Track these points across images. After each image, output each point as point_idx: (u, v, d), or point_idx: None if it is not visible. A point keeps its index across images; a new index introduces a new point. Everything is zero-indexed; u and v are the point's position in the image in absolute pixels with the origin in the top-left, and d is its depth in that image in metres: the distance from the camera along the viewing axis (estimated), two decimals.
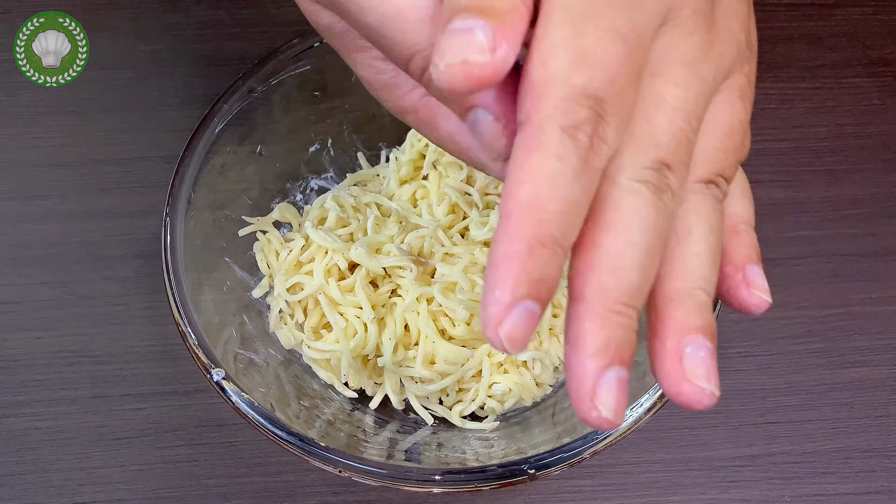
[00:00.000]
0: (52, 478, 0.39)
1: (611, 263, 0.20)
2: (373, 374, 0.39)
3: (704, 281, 0.21)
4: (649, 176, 0.21)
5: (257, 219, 0.40)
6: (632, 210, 0.20)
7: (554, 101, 0.20)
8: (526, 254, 0.19)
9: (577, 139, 0.20)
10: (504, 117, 0.21)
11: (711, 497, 0.39)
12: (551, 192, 0.19)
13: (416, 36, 0.22)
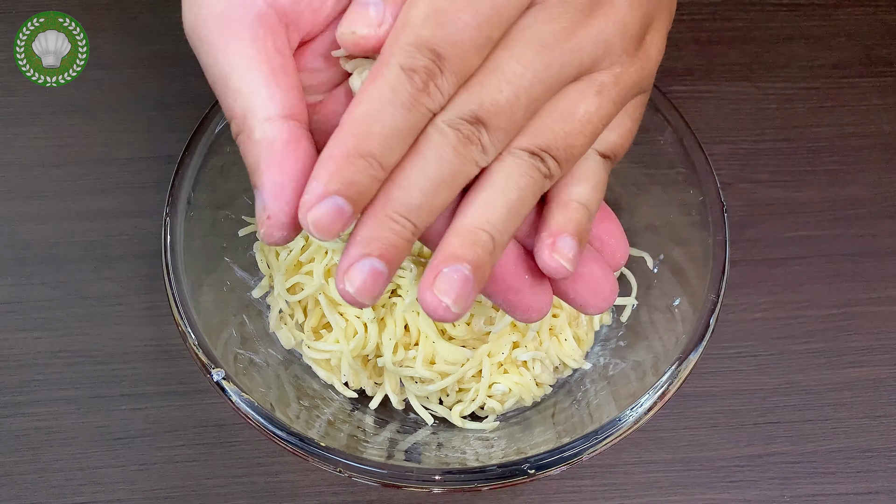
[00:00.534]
0: (51, 477, 0.39)
1: (400, 181, 0.23)
2: (373, 374, 0.39)
3: (490, 225, 0.24)
4: (461, 125, 0.23)
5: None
6: (433, 145, 0.23)
7: (401, 44, 0.23)
8: (344, 158, 0.23)
9: (412, 79, 0.23)
10: (266, 208, 0.23)
11: (711, 497, 0.39)
12: (378, 114, 0.23)
13: (232, 102, 0.24)
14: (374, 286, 0.23)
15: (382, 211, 0.23)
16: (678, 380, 0.32)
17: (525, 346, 0.38)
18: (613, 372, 0.37)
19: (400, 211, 0.23)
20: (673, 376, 0.32)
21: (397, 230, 0.23)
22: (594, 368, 0.39)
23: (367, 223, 0.23)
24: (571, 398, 0.38)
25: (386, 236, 0.23)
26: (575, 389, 0.38)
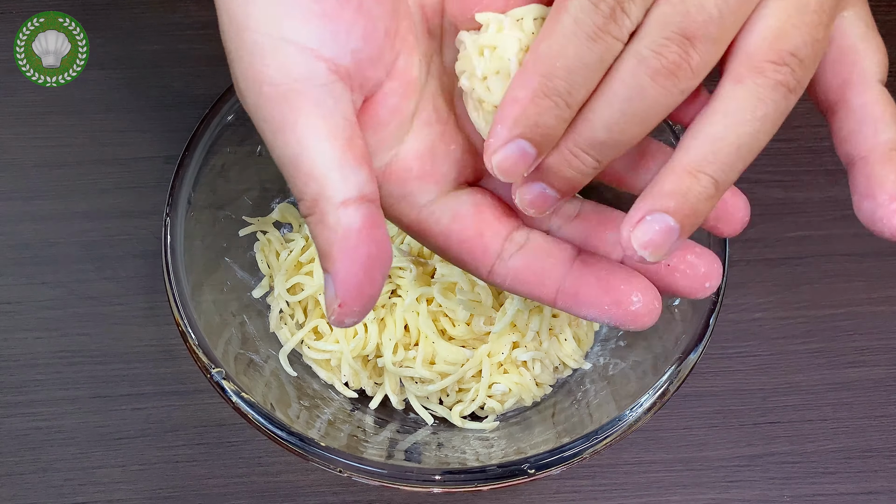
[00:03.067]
0: (52, 477, 0.39)
1: (586, 114, 0.22)
2: (373, 375, 0.39)
3: (714, 167, 0.22)
4: (666, 47, 0.21)
5: (258, 219, 0.40)
6: (628, 75, 0.22)
7: None
8: (529, 99, 0.22)
9: (598, 7, 0.21)
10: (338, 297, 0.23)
11: (711, 497, 0.39)
12: (563, 48, 0.22)
13: (304, 186, 0.23)
14: (544, 208, 0.24)
15: (565, 144, 0.23)
16: (678, 380, 0.32)
17: (525, 346, 0.38)
18: (613, 372, 0.37)
19: (581, 145, 0.23)
20: (673, 376, 0.32)
21: (577, 165, 0.23)
22: (594, 368, 0.39)
23: (549, 155, 0.23)
24: (571, 398, 0.38)
25: (564, 172, 0.23)
26: (575, 389, 0.38)
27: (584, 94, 0.22)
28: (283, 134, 0.23)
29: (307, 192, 0.23)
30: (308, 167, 0.23)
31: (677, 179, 0.22)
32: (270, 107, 0.23)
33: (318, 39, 0.23)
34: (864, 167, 0.24)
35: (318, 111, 0.23)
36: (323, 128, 0.23)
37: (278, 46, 0.23)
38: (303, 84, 0.23)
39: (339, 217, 0.22)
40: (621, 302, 0.26)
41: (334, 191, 0.22)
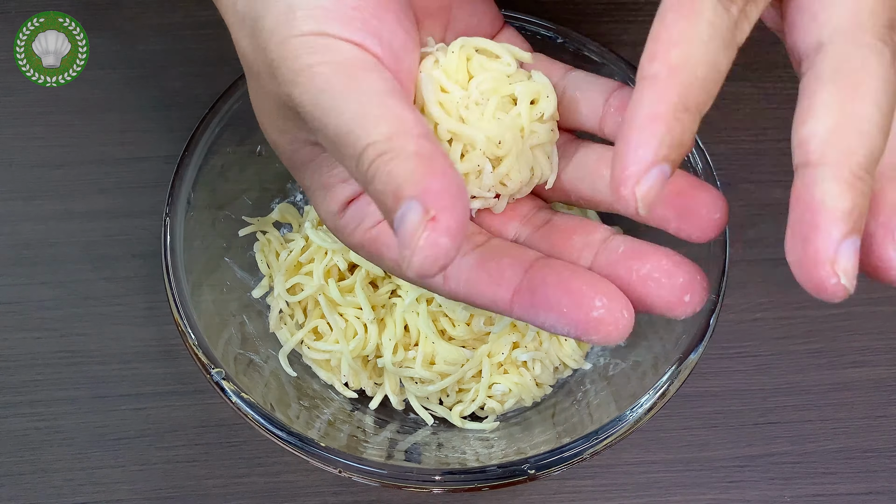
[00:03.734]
0: (51, 478, 0.39)
1: (858, 126, 0.20)
2: (373, 375, 0.39)
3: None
4: (888, 37, 0.20)
5: (257, 219, 0.40)
6: (876, 72, 0.20)
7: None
8: (672, 116, 0.19)
9: (729, 10, 0.20)
10: (432, 210, 0.20)
11: (712, 497, 0.39)
12: (703, 56, 0.20)
13: (373, 129, 0.22)
14: (857, 263, 0.20)
15: (849, 170, 0.20)
16: (678, 380, 0.32)
17: (525, 346, 0.38)
18: (613, 372, 0.37)
19: (865, 165, 0.20)
20: (673, 376, 0.32)
21: (867, 192, 0.20)
22: (594, 368, 0.39)
23: (836, 191, 0.20)
24: (571, 398, 0.38)
25: (861, 204, 0.20)
26: (575, 390, 0.38)
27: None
28: (346, 92, 0.23)
29: (381, 131, 0.22)
30: (379, 110, 0.22)
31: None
32: (326, 78, 0.23)
33: (359, 36, 0.24)
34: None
35: (377, 74, 0.24)
36: (387, 84, 0.23)
37: (329, 43, 0.24)
38: (356, 56, 0.24)
39: (422, 144, 0.21)
40: (582, 306, 0.23)
41: (412, 125, 0.22)
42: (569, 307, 0.23)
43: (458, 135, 0.27)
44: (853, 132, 0.20)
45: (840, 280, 0.20)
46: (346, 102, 0.23)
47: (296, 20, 0.24)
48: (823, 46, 0.21)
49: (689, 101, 0.20)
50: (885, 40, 0.20)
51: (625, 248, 0.25)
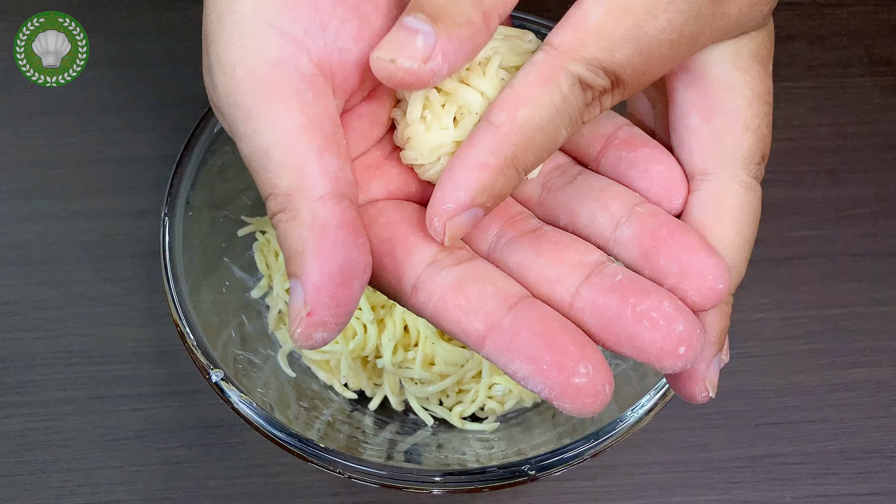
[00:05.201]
0: (50, 478, 0.39)
1: (732, 258, 0.23)
2: (372, 376, 0.39)
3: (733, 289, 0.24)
4: (758, 172, 0.23)
5: (256, 219, 0.40)
6: (750, 208, 0.23)
7: (587, 54, 0.21)
8: (499, 170, 0.21)
9: (584, 92, 0.21)
10: (308, 304, 0.20)
11: (713, 498, 0.39)
12: (546, 125, 0.21)
13: (275, 178, 0.20)
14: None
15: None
16: None
17: None
18: (614, 372, 0.37)
19: (731, 291, 0.23)
20: None
21: (729, 312, 0.24)
22: None
23: (710, 320, 0.23)
24: None
25: (726, 325, 0.23)
26: None
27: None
28: (255, 121, 0.21)
29: (280, 184, 0.20)
30: (282, 156, 0.20)
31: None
32: (242, 91, 0.21)
33: (302, 29, 0.21)
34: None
35: (296, 100, 0.21)
36: (301, 118, 0.20)
37: (260, 29, 0.21)
38: (281, 70, 0.21)
39: (317, 211, 0.20)
40: (565, 367, 0.20)
41: (312, 182, 0.20)
42: (549, 365, 0.20)
43: (451, 96, 0.23)
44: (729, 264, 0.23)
45: (709, 393, 0.22)
46: (256, 134, 0.21)
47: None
48: (708, 175, 0.24)
49: (519, 161, 0.21)
50: (756, 176, 0.24)
51: (623, 278, 0.22)
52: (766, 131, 0.24)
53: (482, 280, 0.22)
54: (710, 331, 0.23)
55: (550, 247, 0.23)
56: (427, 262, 0.23)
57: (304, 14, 0.21)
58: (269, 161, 0.21)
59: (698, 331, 0.21)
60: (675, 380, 0.23)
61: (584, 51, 0.21)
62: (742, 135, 0.23)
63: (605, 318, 0.21)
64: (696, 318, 0.21)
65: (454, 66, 0.21)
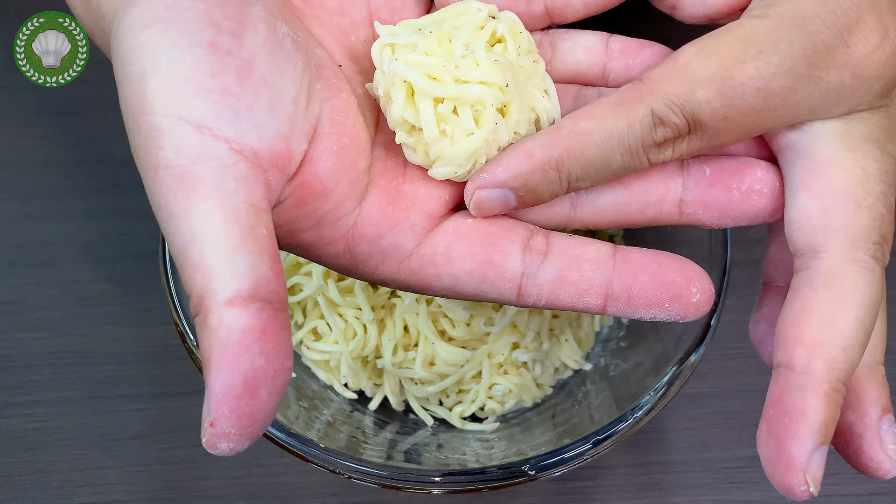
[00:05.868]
0: (50, 479, 0.39)
1: (843, 342, 0.21)
2: (372, 376, 0.39)
3: (881, 356, 0.23)
4: (878, 253, 0.22)
5: None
6: (865, 289, 0.22)
7: (667, 91, 0.22)
8: (541, 164, 0.22)
9: (654, 129, 0.22)
10: (210, 416, 0.19)
11: (713, 498, 0.39)
12: (602, 144, 0.22)
13: (190, 279, 0.20)
14: (823, 468, 0.21)
15: (829, 384, 0.22)
16: (679, 381, 0.32)
17: (525, 346, 0.37)
18: (614, 373, 0.37)
19: (844, 379, 0.22)
20: (674, 377, 0.32)
21: (840, 402, 0.22)
22: (595, 369, 0.39)
23: (814, 405, 0.22)
24: (572, 399, 0.38)
25: (835, 415, 0.22)
26: (576, 390, 0.38)
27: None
28: (176, 221, 0.20)
29: (193, 286, 0.20)
30: (195, 258, 0.20)
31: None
32: (164, 192, 0.20)
33: (216, 117, 0.21)
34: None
35: (214, 194, 0.20)
36: (218, 213, 0.20)
37: (175, 126, 0.20)
38: (200, 165, 0.20)
39: (223, 317, 0.19)
40: (681, 296, 0.24)
41: (220, 285, 0.19)
42: (669, 302, 0.24)
43: (461, 100, 0.24)
44: (838, 347, 0.21)
45: (809, 488, 0.21)
46: (176, 234, 0.20)
47: (148, 94, 0.21)
48: (818, 253, 0.23)
49: (563, 166, 0.22)
50: (876, 257, 0.22)
51: (711, 169, 0.25)
52: (882, 210, 0.23)
53: (575, 262, 0.24)
54: (812, 417, 0.21)
55: (631, 178, 0.25)
56: (519, 270, 0.24)
57: (216, 101, 0.21)
58: (186, 262, 0.20)
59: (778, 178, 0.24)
60: (771, 467, 0.22)
61: (666, 86, 0.22)
62: (854, 212, 0.23)
63: (718, 209, 0.25)
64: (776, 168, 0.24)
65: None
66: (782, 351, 0.22)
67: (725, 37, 0.22)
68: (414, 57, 0.24)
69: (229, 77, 0.21)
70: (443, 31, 0.25)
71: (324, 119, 0.23)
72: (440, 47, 0.24)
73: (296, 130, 0.22)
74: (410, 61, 0.24)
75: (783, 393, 0.22)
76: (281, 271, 0.21)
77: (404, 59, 0.24)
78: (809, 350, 0.22)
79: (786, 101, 0.22)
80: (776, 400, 0.22)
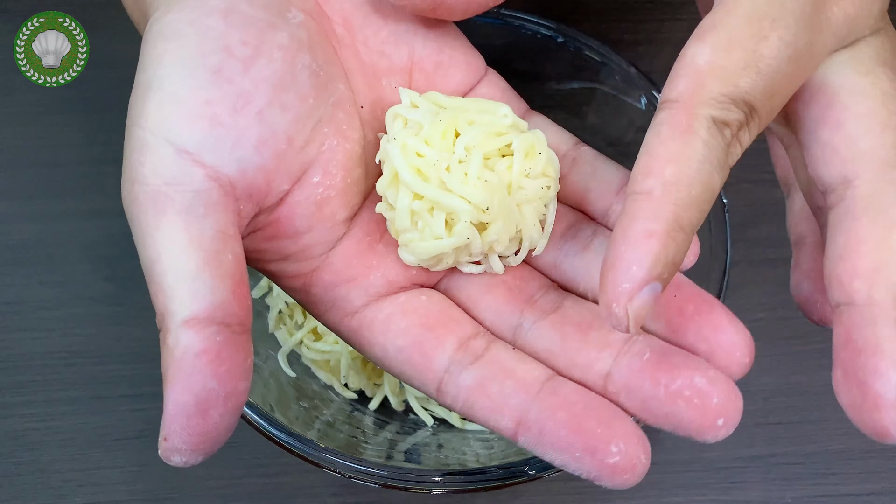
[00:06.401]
0: (50, 479, 0.39)
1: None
2: (372, 376, 0.39)
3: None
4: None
5: None
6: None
7: (714, 94, 0.20)
8: (666, 234, 0.19)
9: (723, 133, 0.20)
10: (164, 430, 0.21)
11: (713, 498, 0.39)
12: (697, 176, 0.20)
13: (154, 298, 0.21)
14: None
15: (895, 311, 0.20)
16: None
17: None
18: None
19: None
20: None
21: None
22: None
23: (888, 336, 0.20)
24: None
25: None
26: None
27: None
28: (144, 237, 0.21)
29: (157, 303, 0.21)
30: (159, 276, 0.20)
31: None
32: (138, 208, 0.21)
33: (198, 144, 0.21)
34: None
35: (182, 218, 0.21)
36: (184, 237, 0.21)
37: (158, 145, 0.21)
38: (173, 188, 0.21)
39: (179, 337, 0.20)
40: (597, 451, 0.21)
41: (179, 306, 0.20)
42: (581, 452, 0.21)
43: (438, 205, 0.24)
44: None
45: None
46: (144, 250, 0.21)
47: (145, 107, 0.21)
48: (851, 182, 0.21)
49: (684, 220, 0.20)
50: None
51: (651, 355, 0.22)
52: None
53: (501, 375, 0.23)
54: (890, 348, 0.20)
55: (573, 329, 0.23)
56: (445, 364, 0.23)
57: (202, 129, 0.21)
58: (150, 279, 0.21)
59: (734, 396, 0.22)
60: (857, 412, 0.22)
61: (707, 92, 0.20)
62: (880, 133, 0.21)
63: (639, 400, 0.22)
64: (730, 383, 0.22)
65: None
66: (838, 289, 0.21)
67: (732, 21, 0.20)
68: (412, 142, 0.24)
69: (223, 106, 0.22)
70: (458, 122, 0.25)
71: (316, 166, 0.24)
72: (442, 140, 0.24)
73: (282, 170, 0.23)
74: (407, 146, 0.24)
75: (851, 331, 0.21)
76: (245, 295, 0.21)
77: (401, 143, 0.24)
78: (868, 280, 0.20)
79: (812, 54, 0.21)
80: (845, 341, 0.21)
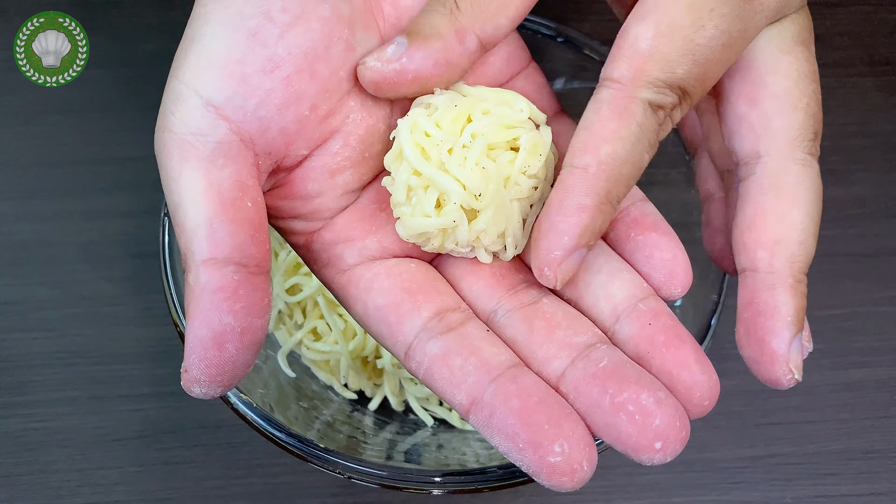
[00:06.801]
0: (49, 479, 0.39)
1: (798, 237, 0.23)
2: (372, 376, 0.39)
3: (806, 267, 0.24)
4: (813, 149, 0.24)
5: None
6: (808, 184, 0.23)
7: (652, 78, 0.22)
8: (596, 208, 0.22)
9: (656, 113, 0.22)
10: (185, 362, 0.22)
11: (713, 498, 0.39)
12: (630, 155, 0.22)
13: (178, 237, 0.22)
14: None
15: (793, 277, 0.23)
16: None
17: None
18: None
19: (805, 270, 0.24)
20: None
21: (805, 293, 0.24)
22: None
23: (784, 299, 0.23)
24: None
25: (804, 305, 0.23)
26: None
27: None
28: (169, 181, 0.22)
29: (181, 244, 0.22)
30: (181, 219, 0.22)
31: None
32: (166, 153, 0.23)
33: (225, 99, 0.23)
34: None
35: (203, 166, 0.22)
36: (203, 183, 0.22)
37: (189, 97, 0.23)
38: (197, 138, 0.22)
39: (199, 275, 0.21)
40: (540, 446, 0.21)
41: (198, 247, 0.21)
42: (525, 444, 0.21)
43: (432, 183, 0.24)
44: (795, 243, 0.23)
45: (794, 375, 0.22)
46: (170, 194, 0.23)
47: (184, 60, 0.23)
48: (761, 157, 0.24)
49: (613, 195, 0.22)
50: (812, 152, 0.24)
51: (607, 364, 0.22)
52: (815, 108, 0.24)
53: (467, 350, 0.23)
54: (784, 311, 0.23)
55: (542, 324, 0.24)
56: (417, 329, 0.24)
57: (230, 86, 0.23)
58: (175, 222, 0.22)
59: (678, 424, 0.21)
60: (756, 365, 0.23)
61: (646, 77, 0.22)
62: (791, 114, 0.24)
63: (585, 405, 0.22)
64: (678, 409, 0.21)
65: (421, 70, 0.23)
66: (744, 256, 0.24)
67: (674, 7, 0.22)
68: (423, 121, 0.24)
69: (253, 67, 0.23)
70: (473, 109, 0.25)
71: (338, 137, 0.25)
72: (452, 124, 0.25)
73: (302, 134, 0.24)
74: (418, 125, 0.24)
75: (753, 295, 0.23)
76: (263, 240, 0.22)
77: (413, 120, 0.25)
78: (769, 250, 0.23)
79: (745, 39, 0.23)
80: (748, 302, 0.23)
